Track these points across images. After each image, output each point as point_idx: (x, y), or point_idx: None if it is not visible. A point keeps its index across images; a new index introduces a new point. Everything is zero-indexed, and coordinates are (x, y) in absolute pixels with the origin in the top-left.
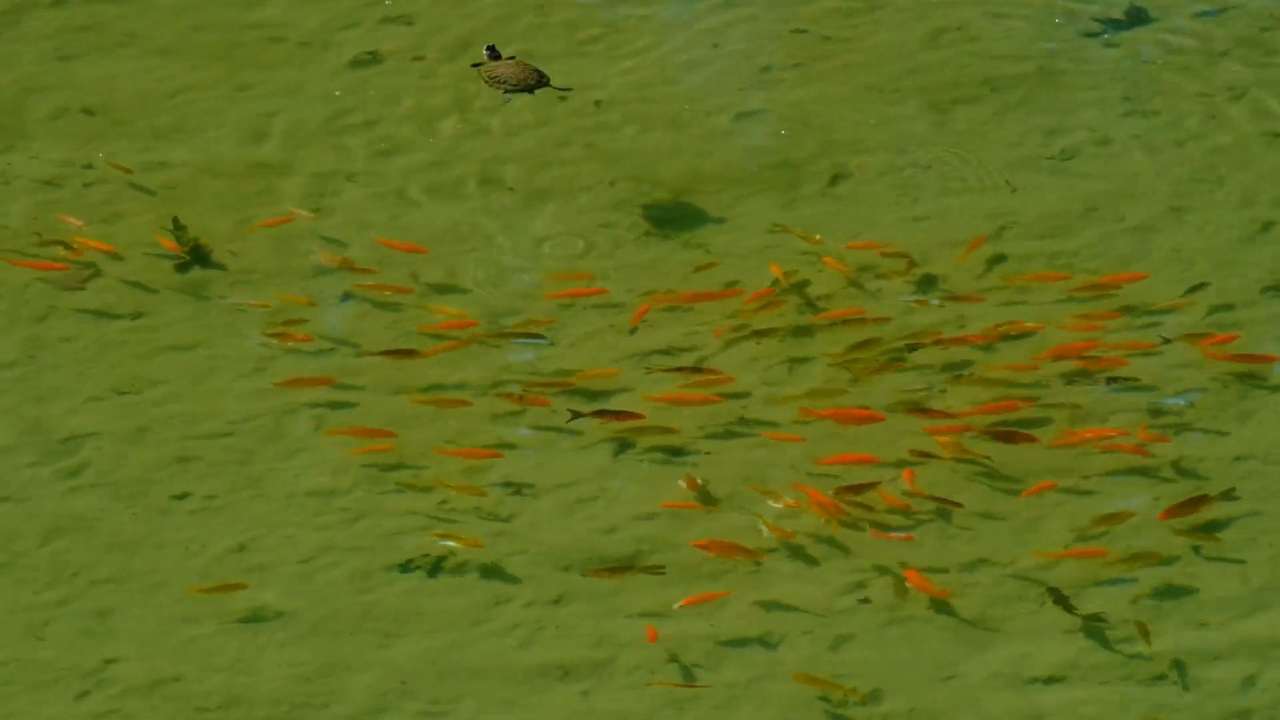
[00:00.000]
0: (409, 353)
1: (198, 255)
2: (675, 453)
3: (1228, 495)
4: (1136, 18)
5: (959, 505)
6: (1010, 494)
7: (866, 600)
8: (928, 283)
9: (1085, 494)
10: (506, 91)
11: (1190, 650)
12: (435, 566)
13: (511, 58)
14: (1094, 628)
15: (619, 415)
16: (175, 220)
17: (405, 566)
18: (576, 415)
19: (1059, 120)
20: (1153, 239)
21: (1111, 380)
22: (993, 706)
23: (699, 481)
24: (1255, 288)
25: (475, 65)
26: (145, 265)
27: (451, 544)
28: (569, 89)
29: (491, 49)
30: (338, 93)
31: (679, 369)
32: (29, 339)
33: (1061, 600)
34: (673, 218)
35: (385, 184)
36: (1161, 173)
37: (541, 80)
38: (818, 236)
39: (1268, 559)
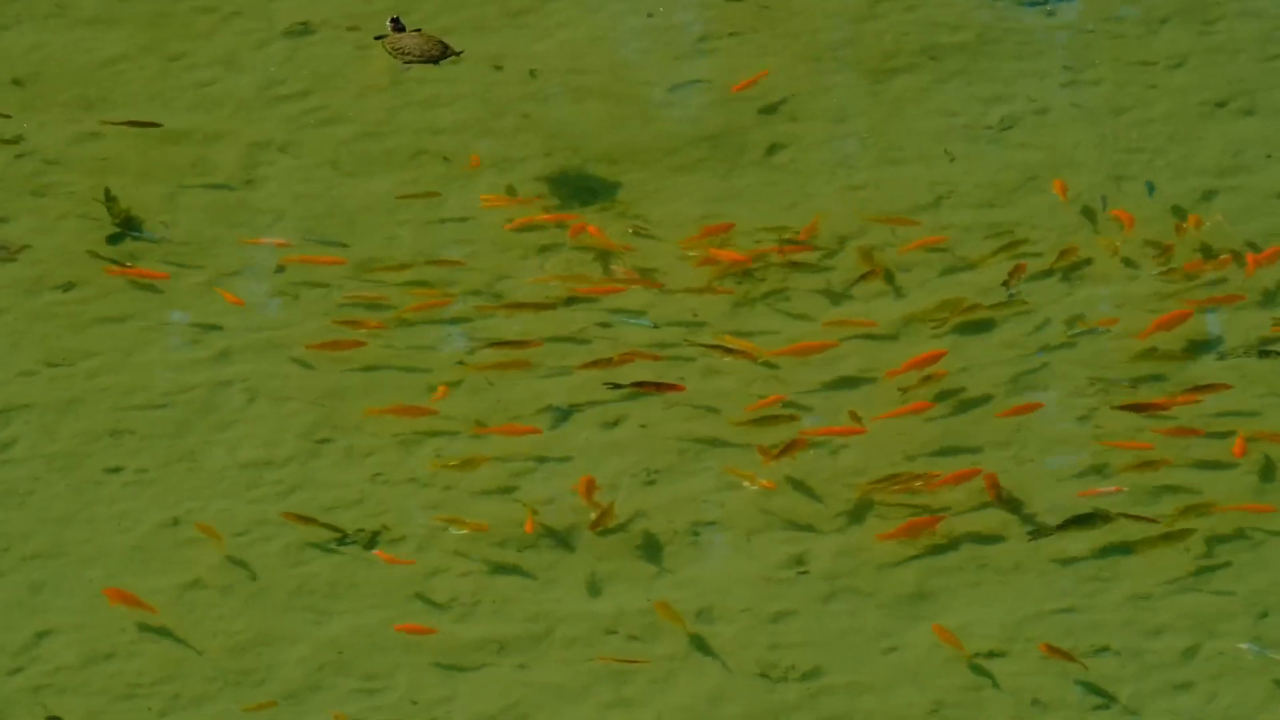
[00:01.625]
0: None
1: (129, 226)
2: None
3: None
4: None
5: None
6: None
7: (805, 572)
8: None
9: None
10: (408, 63)
11: (1131, 621)
12: (371, 540)
13: (416, 30)
14: (1035, 600)
15: (659, 387)
16: (107, 191)
17: (341, 540)
18: (614, 386)
19: (998, 89)
20: (1093, 208)
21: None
22: (933, 680)
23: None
24: None
25: (379, 37)
26: (76, 237)
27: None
28: (460, 51)
29: (395, 21)
30: (271, 65)
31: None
32: None
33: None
34: (608, 188)
35: (318, 155)
36: (1101, 142)
37: (446, 51)
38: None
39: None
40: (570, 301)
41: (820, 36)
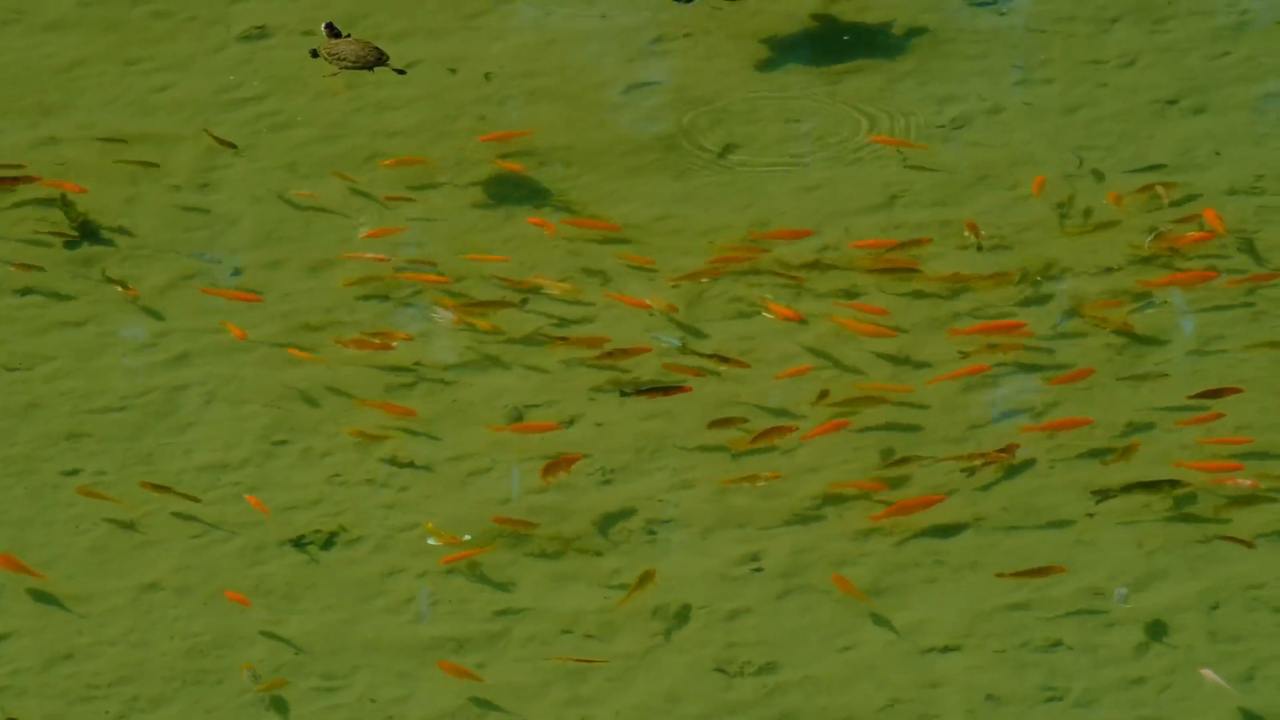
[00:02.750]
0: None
1: (86, 231)
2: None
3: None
4: None
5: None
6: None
7: (760, 570)
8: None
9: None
10: (344, 69)
11: (1087, 614)
12: (328, 541)
13: (348, 35)
14: (991, 593)
15: (666, 391)
16: (63, 196)
17: (298, 541)
18: (628, 393)
19: (950, 89)
20: (1044, 206)
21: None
22: (889, 676)
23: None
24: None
25: (313, 52)
26: (33, 241)
27: (434, 541)
28: (405, 70)
29: (330, 26)
30: (227, 71)
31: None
32: None
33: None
34: (564, 190)
35: (274, 158)
36: (1053, 140)
37: (381, 58)
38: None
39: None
40: (524, 302)
41: (774, 37)
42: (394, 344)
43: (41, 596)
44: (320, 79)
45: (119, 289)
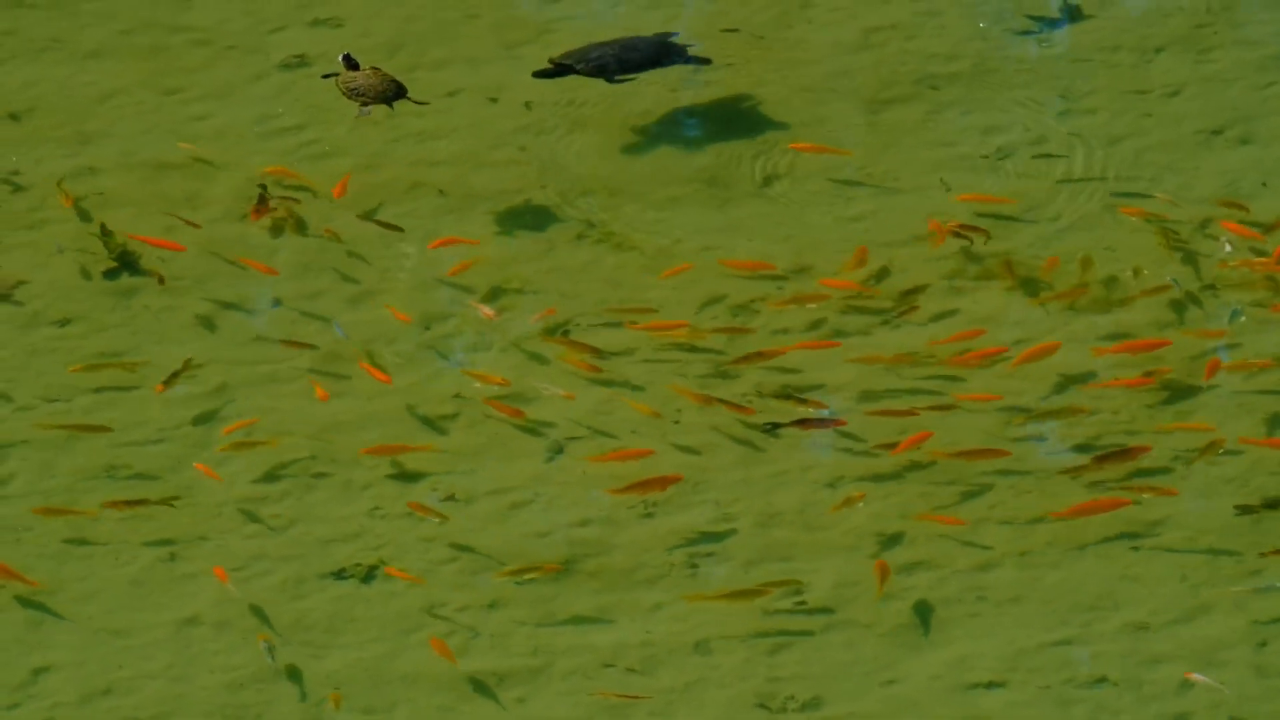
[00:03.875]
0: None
1: (125, 261)
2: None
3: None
4: (1072, 15)
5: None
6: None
7: (804, 603)
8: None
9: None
10: (364, 104)
11: (1130, 652)
12: (368, 574)
13: (373, 68)
14: (1035, 629)
15: (821, 423)
16: (103, 226)
17: (339, 574)
18: (774, 426)
19: (994, 119)
20: (1089, 237)
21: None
22: (933, 710)
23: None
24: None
25: (326, 75)
26: (73, 271)
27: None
28: (426, 102)
29: (348, 58)
30: (267, 100)
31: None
32: None
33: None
34: (605, 220)
35: (315, 187)
36: (1098, 171)
37: (400, 91)
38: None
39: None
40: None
41: (815, 67)
42: (438, 374)
43: (79, 629)
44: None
45: (159, 317)
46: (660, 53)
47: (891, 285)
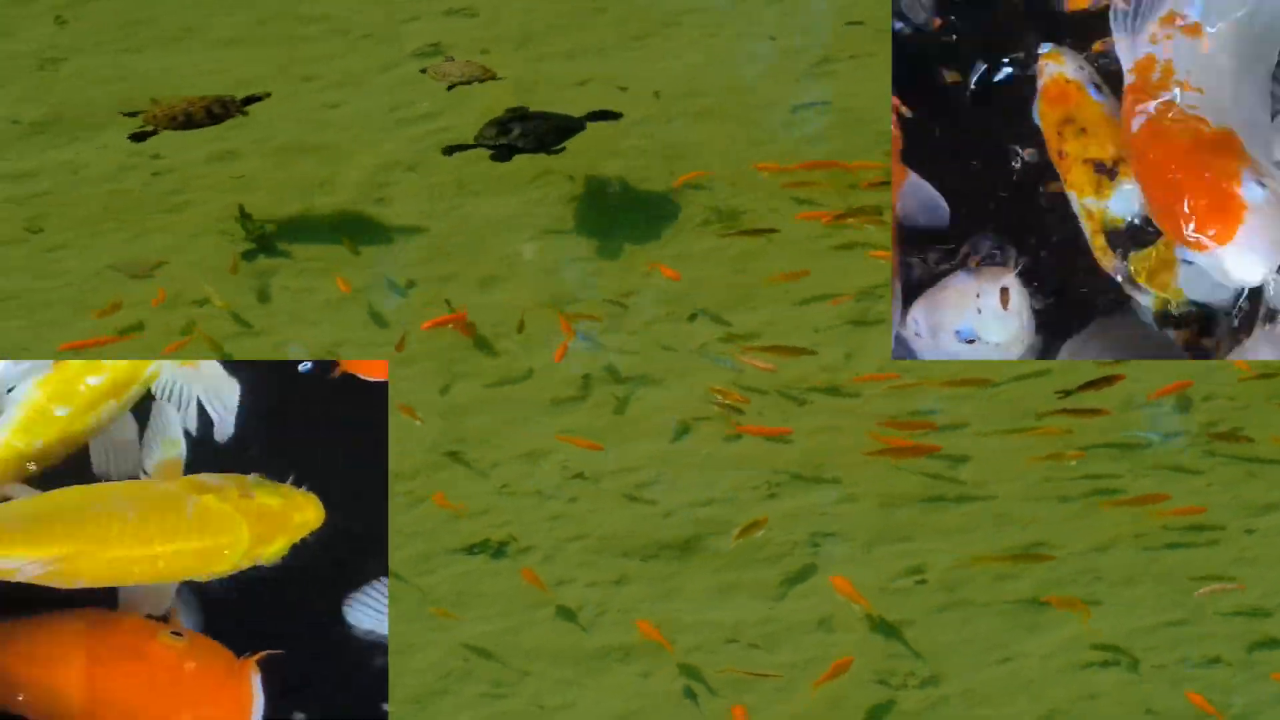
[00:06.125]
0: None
1: (263, 244)
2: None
3: None
4: None
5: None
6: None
7: (924, 581)
8: None
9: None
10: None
11: (1239, 634)
12: (498, 550)
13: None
14: (1150, 609)
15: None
16: (241, 209)
17: (470, 550)
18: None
19: None
20: None
21: None
22: (1047, 690)
23: None
24: None
25: (424, 71)
26: (211, 253)
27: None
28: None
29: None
30: (400, 88)
31: None
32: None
33: None
34: (731, 209)
35: (445, 175)
36: None
37: (485, 75)
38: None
39: None
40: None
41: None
42: (560, 356)
43: None
44: (491, 95)
45: (293, 301)
46: None
47: None
